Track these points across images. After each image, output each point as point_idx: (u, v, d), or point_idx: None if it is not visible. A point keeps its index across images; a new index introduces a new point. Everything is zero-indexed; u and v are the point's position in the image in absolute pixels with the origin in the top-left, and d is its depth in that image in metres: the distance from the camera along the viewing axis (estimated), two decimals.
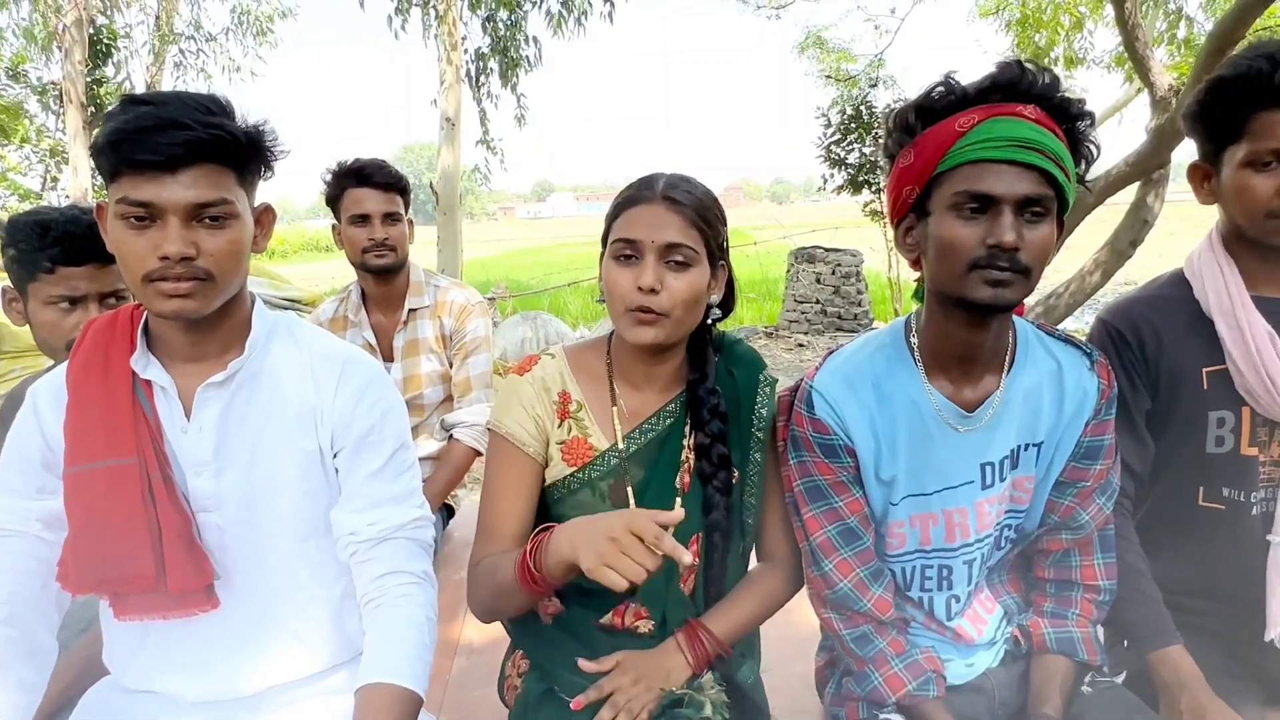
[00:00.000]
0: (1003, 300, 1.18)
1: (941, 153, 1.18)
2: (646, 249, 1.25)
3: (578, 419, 1.37)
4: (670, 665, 1.29)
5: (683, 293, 1.25)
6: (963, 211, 1.17)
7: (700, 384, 1.36)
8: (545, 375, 1.38)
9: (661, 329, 1.26)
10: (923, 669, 1.34)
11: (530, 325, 8.73)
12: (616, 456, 1.35)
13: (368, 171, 2.51)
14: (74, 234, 1.55)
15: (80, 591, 1.20)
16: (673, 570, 1.34)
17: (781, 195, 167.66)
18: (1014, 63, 1.18)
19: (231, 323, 1.24)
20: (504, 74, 10.53)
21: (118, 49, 12.35)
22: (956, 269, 1.19)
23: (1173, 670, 1.36)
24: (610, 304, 1.29)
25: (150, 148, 1.08)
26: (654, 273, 1.24)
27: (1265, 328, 1.37)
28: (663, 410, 1.38)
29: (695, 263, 1.27)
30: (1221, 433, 1.44)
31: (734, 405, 1.38)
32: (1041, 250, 1.17)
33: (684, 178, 1.32)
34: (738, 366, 1.42)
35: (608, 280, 1.29)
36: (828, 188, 10.36)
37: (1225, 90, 1.36)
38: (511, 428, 1.35)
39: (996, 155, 1.15)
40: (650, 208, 1.27)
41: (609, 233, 1.31)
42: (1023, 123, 1.15)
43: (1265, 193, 1.33)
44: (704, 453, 1.35)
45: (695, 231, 1.27)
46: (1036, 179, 1.15)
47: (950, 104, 1.19)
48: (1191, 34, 8.79)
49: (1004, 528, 1.39)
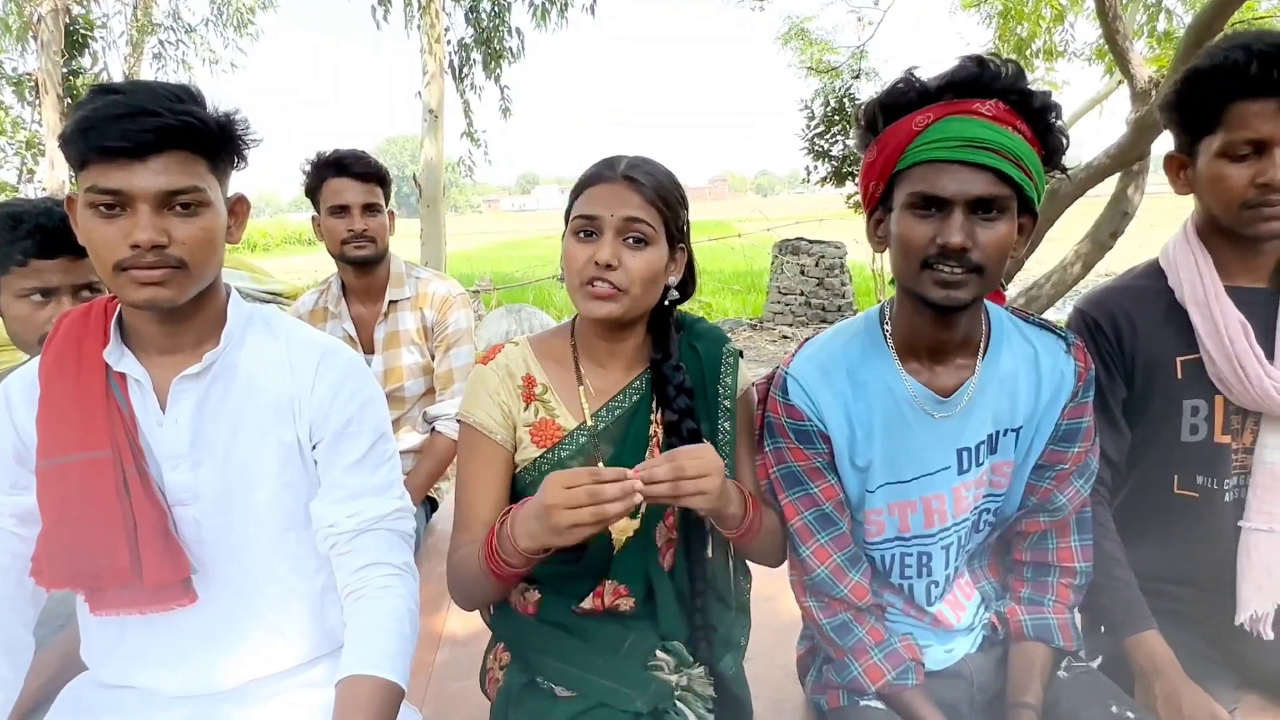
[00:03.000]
0: (954, 301, 1.20)
1: (899, 151, 1.20)
2: (605, 225, 1.26)
3: (544, 401, 1.38)
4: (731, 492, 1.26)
5: (640, 270, 1.27)
6: (916, 211, 1.19)
7: (664, 362, 1.37)
8: (509, 362, 1.39)
9: (618, 304, 1.27)
10: (902, 658, 1.35)
11: (514, 318, 8.70)
12: (585, 434, 1.36)
13: (347, 162, 2.49)
14: (46, 226, 1.53)
15: (55, 586, 1.18)
16: (650, 546, 1.35)
17: (766, 187, 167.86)
18: (973, 59, 1.18)
19: (206, 314, 1.22)
20: (487, 65, 10.49)
21: (94, 39, 12.16)
22: (911, 266, 1.21)
23: (1148, 655, 1.38)
24: (568, 279, 1.31)
25: (119, 134, 1.07)
26: (611, 248, 1.25)
27: (1238, 317, 1.39)
28: (628, 387, 1.39)
29: (653, 241, 1.28)
30: (1195, 421, 1.46)
31: (699, 379, 1.39)
32: (996, 248, 1.18)
33: (646, 159, 1.34)
34: (700, 341, 1.43)
35: (566, 255, 1.31)
36: (812, 180, 10.39)
37: (1201, 81, 1.37)
38: (479, 416, 1.36)
39: (948, 156, 1.16)
40: (611, 186, 1.28)
41: (570, 211, 1.33)
42: (977, 121, 1.15)
43: (1240, 183, 1.34)
44: (673, 429, 1.35)
45: (654, 210, 1.28)
46: (990, 179, 1.16)
47: (910, 101, 1.20)
48: (1171, 27, 8.87)
49: (982, 511, 1.40)
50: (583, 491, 1.10)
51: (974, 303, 1.24)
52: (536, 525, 1.15)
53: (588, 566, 1.36)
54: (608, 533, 1.31)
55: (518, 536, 1.18)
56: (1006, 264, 1.22)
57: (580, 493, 1.10)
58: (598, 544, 1.33)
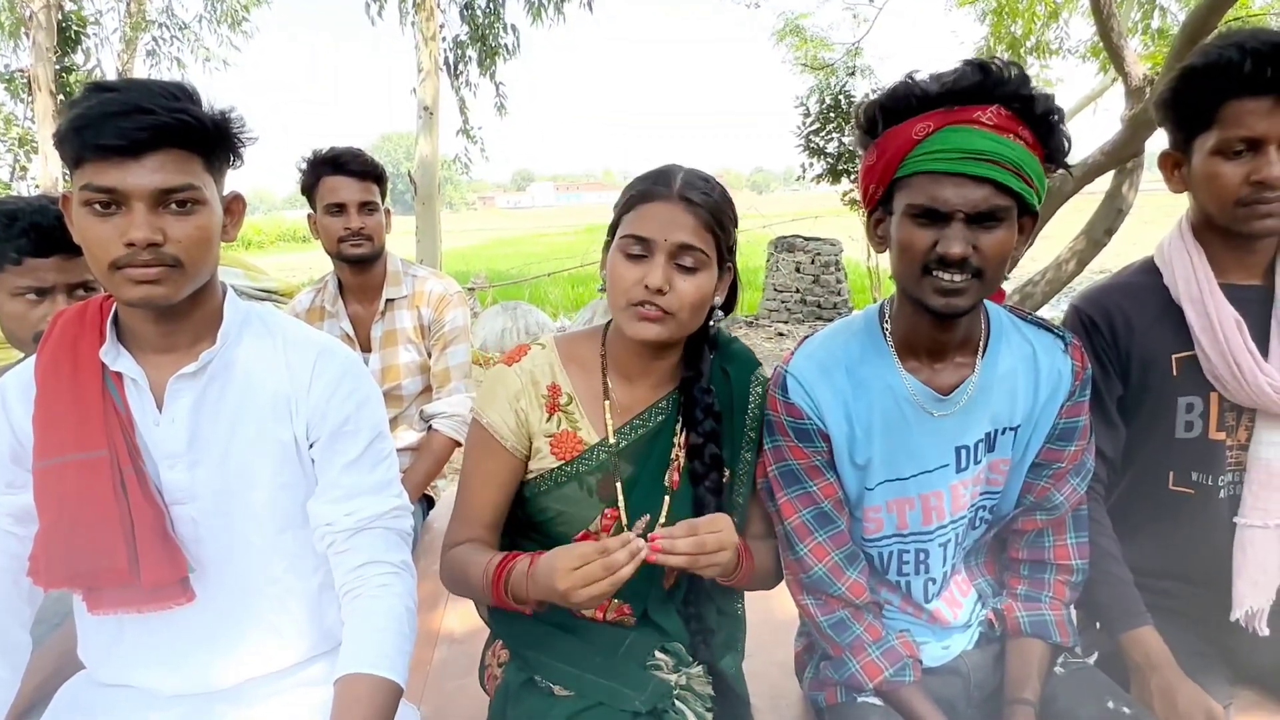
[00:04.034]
0: (954, 308, 1.21)
1: (899, 158, 1.20)
2: (658, 248, 1.23)
3: (567, 412, 1.35)
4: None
5: (690, 295, 1.24)
6: (917, 219, 1.19)
7: (695, 382, 1.35)
8: (534, 368, 1.36)
9: (665, 327, 1.25)
10: (899, 655, 1.35)
11: (510, 315, 8.71)
12: (606, 451, 1.34)
13: (343, 160, 2.48)
14: (41, 225, 1.53)
15: (52, 586, 1.18)
16: (655, 569, 1.33)
17: (762, 184, 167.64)
18: (976, 65, 1.18)
19: (202, 313, 1.22)
20: (482, 62, 10.46)
21: (87, 36, 12.10)
22: (912, 271, 1.22)
23: (1143, 651, 1.39)
24: (612, 297, 1.27)
25: (114, 132, 1.06)
26: (663, 273, 1.22)
27: (1233, 314, 1.40)
28: (655, 406, 1.37)
29: (705, 266, 1.25)
30: (1190, 418, 1.47)
31: (727, 404, 1.38)
32: (997, 254, 1.19)
33: (702, 176, 1.29)
34: (733, 365, 1.40)
35: (613, 273, 1.27)
36: (807, 177, 10.40)
37: (1196, 79, 1.37)
38: (493, 419, 1.34)
39: (948, 168, 1.16)
40: (666, 205, 1.24)
41: (618, 223, 1.29)
42: (977, 132, 1.15)
43: (1234, 180, 1.35)
44: (696, 453, 1.34)
45: (708, 235, 1.25)
46: (990, 190, 1.16)
47: (910, 106, 1.20)
48: (1165, 24, 8.87)
49: (979, 509, 1.40)
50: (597, 567, 1.11)
51: (974, 308, 1.24)
52: (551, 595, 1.16)
53: None
54: None
55: (533, 593, 1.20)
56: (1007, 266, 1.23)
57: (594, 568, 1.11)
58: None
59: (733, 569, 1.26)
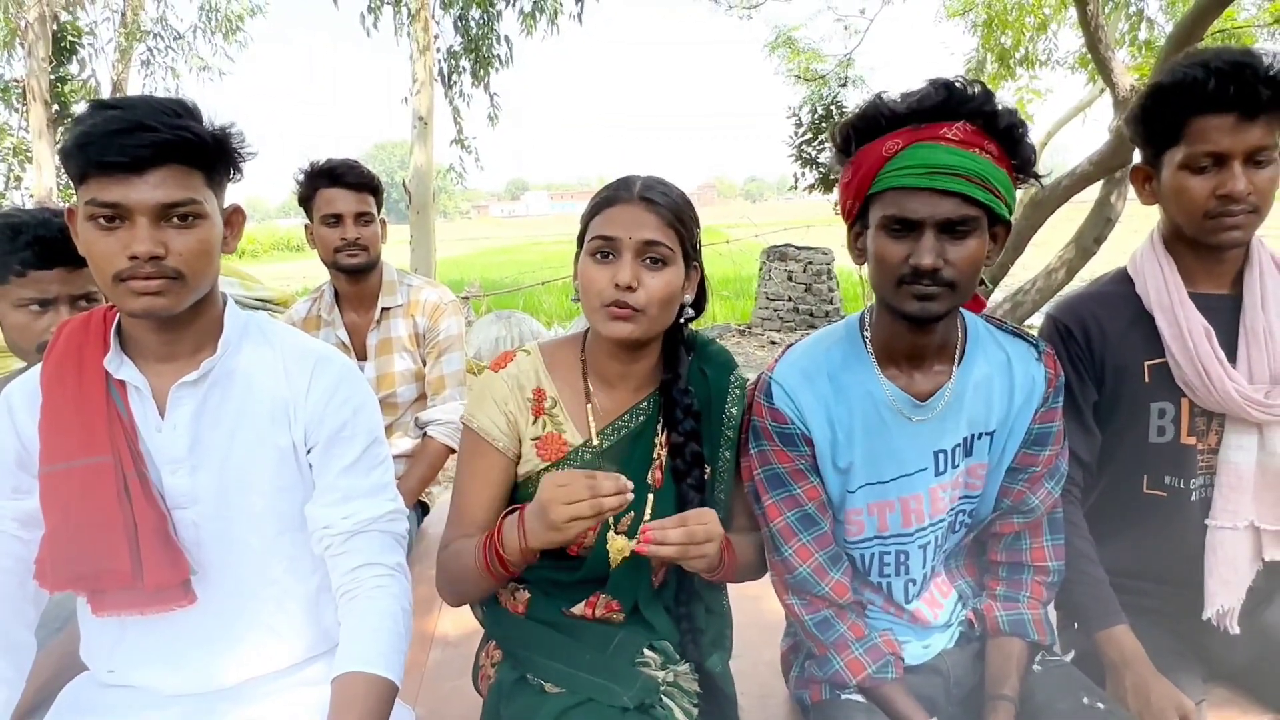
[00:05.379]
0: (929, 313, 1.26)
1: (872, 175, 1.25)
2: (624, 246, 1.28)
3: (552, 415, 1.40)
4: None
5: (659, 290, 1.29)
6: (890, 231, 1.25)
7: (674, 384, 1.40)
8: (520, 373, 1.40)
9: (637, 324, 1.29)
10: (882, 652, 1.39)
11: (504, 324, 8.72)
12: (590, 452, 1.39)
13: (340, 172, 2.52)
14: (45, 237, 1.55)
15: (58, 589, 1.21)
16: (643, 564, 1.39)
17: (755, 193, 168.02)
18: (941, 84, 1.23)
19: (203, 322, 1.26)
20: (476, 72, 10.50)
21: (82, 46, 12.12)
22: (887, 283, 1.27)
23: (1118, 649, 1.43)
24: (585, 300, 1.32)
25: (117, 150, 1.10)
26: (631, 270, 1.27)
27: (1201, 323, 1.44)
28: (635, 408, 1.41)
29: (671, 261, 1.30)
30: (1163, 423, 1.51)
31: (705, 404, 1.42)
32: (968, 264, 1.23)
33: (659, 180, 1.35)
34: (710, 366, 1.45)
35: (584, 277, 1.32)
36: (799, 186, 10.44)
37: (1164, 96, 1.42)
38: (483, 423, 1.38)
39: (917, 183, 1.21)
40: (628, 207, 1.30)
41: (585, 232, 1.34)
42: (943, 148, 1.20)
43: (1201, 194, 1.40)
44: (678, 451, 1.38)
45: (671, 231, 1.30)
46: (957, 202, 1.21)
47: (879, 126, 1.25)
48: (1152, 36, 8.99)
49: (958, 512, 1.44)
50: (580, 486, 1.13)
51: (949, 313, 1.29)
52: (536, 523, 1.19)
53: (585, 578, 1.39)
54: (605, 551, 1.35)
55: (526, 532, 1.21)
56: (980, 275, 1.27)
57: (578, 487, 1.13)
58: (595, 557, 1.36)
59: (717, 563, 1.30)
